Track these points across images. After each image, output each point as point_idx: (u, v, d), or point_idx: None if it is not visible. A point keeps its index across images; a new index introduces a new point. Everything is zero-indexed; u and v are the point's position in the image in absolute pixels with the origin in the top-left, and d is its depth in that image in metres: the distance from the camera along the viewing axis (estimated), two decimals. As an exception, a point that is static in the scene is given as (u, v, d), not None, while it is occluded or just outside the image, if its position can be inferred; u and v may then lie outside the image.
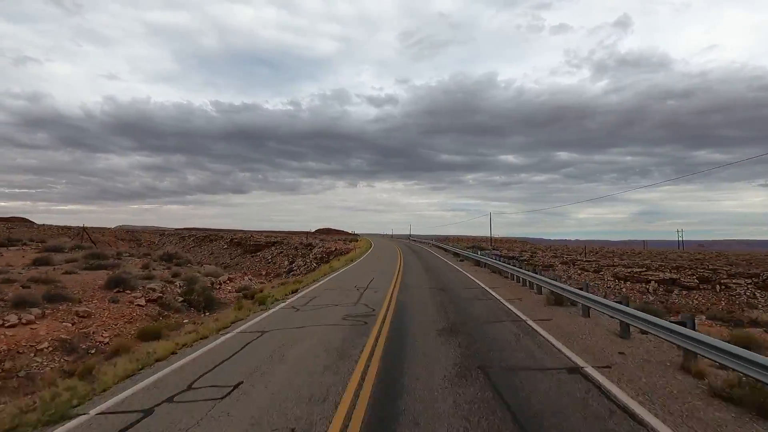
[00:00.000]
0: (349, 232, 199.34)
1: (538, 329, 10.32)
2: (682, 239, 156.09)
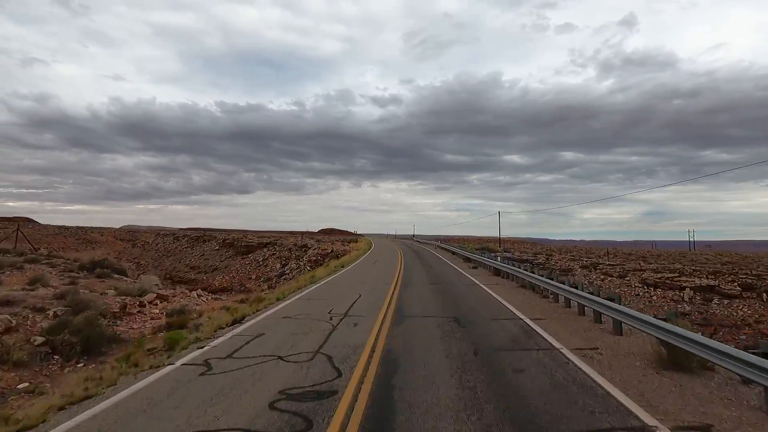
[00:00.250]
0: (352, 233, 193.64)
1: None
2: (693, 240, 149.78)
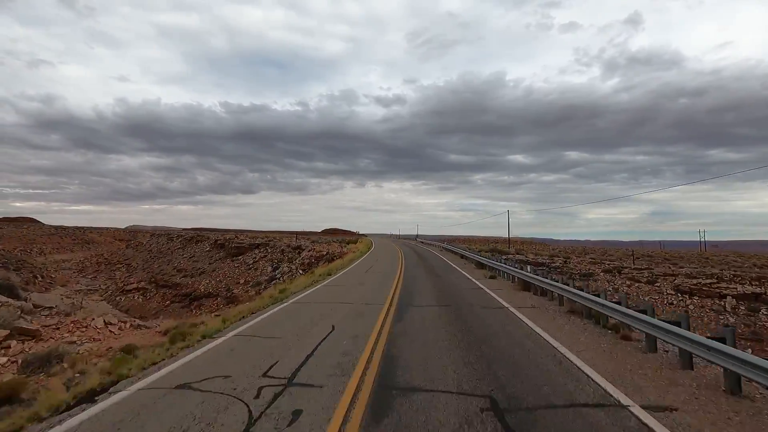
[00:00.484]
0: (354, 233, 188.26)
1: None
2: (704, 239, 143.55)
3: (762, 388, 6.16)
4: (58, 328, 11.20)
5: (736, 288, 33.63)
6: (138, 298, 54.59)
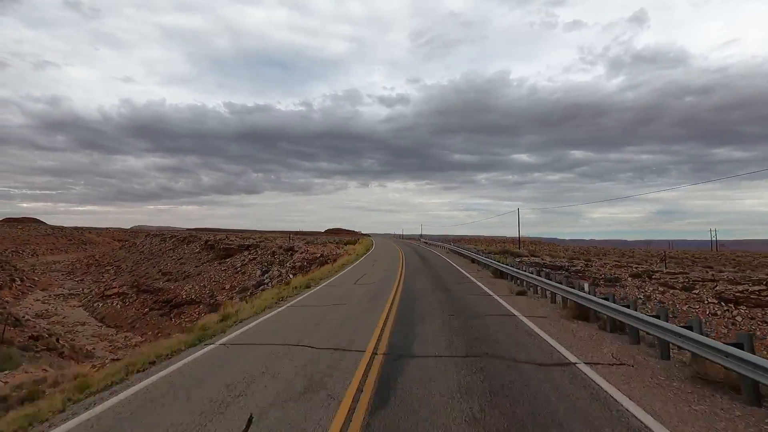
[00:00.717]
0: (357, 233, 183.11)
1: None
2: (716, 239, 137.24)
3: None
4: None
5: (792, 296, 27.89)
6: (116, 304, 49.61)
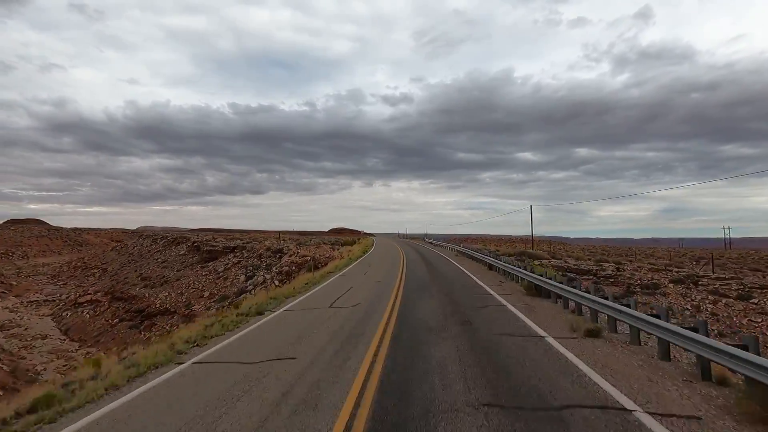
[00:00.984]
0: (360, 232, 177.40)
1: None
2: (729, 236, 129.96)
3: None
4: None
5: None
6: (86, 313, 44.10)
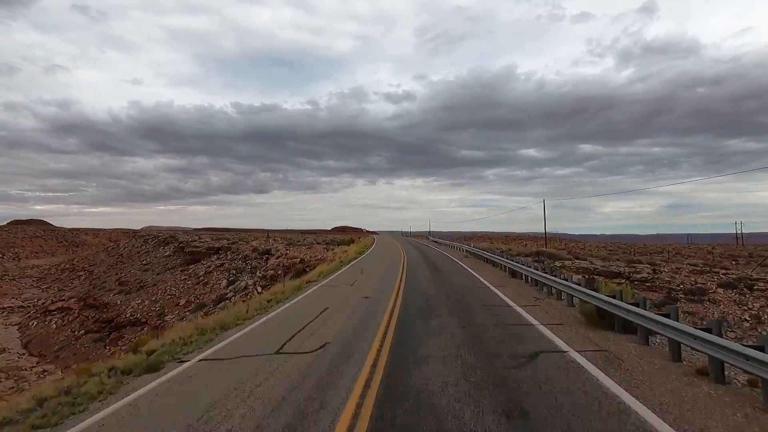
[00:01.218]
0: (362, 230, 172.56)
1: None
2: (741, 232, 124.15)
3: None
4: None
5: None
6: (54, 323, 39.40)
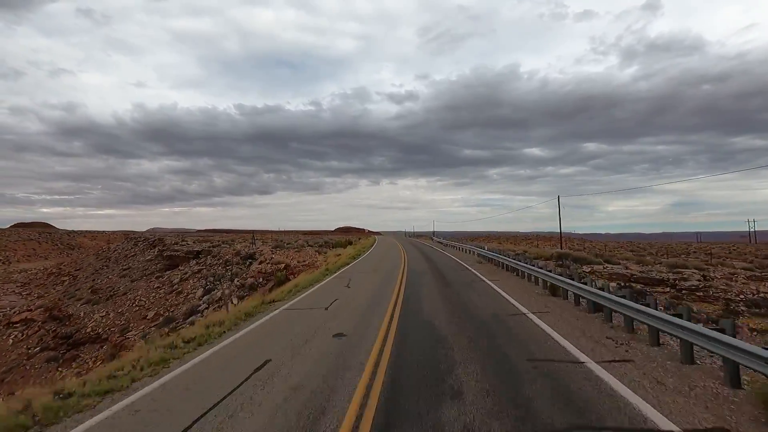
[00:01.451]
0: (363, 230, 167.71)
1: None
2: (754, 230, 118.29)
3: None
4: None
5: None
6: (13, 337, 34.71)
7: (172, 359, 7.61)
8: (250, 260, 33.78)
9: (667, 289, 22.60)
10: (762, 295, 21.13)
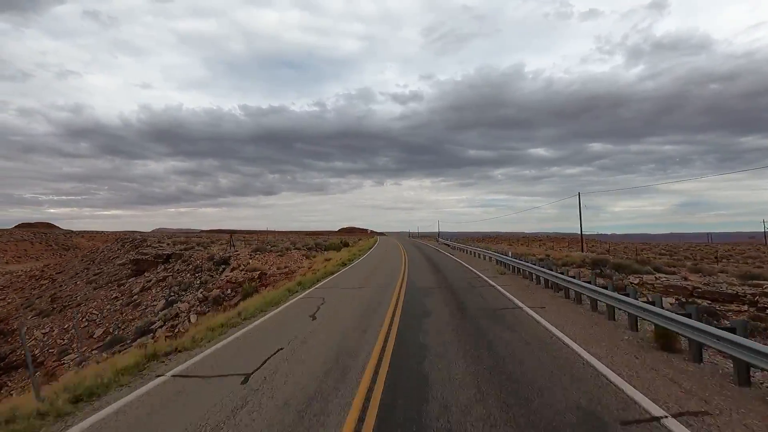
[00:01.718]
0: (366, 231, 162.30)
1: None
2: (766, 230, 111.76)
3: None
4: None
5: None
6: (-52, 354, 29.58)
7: None
8: (224, 266, 28.26)
9: (745, 308, 16.83)
10: None
